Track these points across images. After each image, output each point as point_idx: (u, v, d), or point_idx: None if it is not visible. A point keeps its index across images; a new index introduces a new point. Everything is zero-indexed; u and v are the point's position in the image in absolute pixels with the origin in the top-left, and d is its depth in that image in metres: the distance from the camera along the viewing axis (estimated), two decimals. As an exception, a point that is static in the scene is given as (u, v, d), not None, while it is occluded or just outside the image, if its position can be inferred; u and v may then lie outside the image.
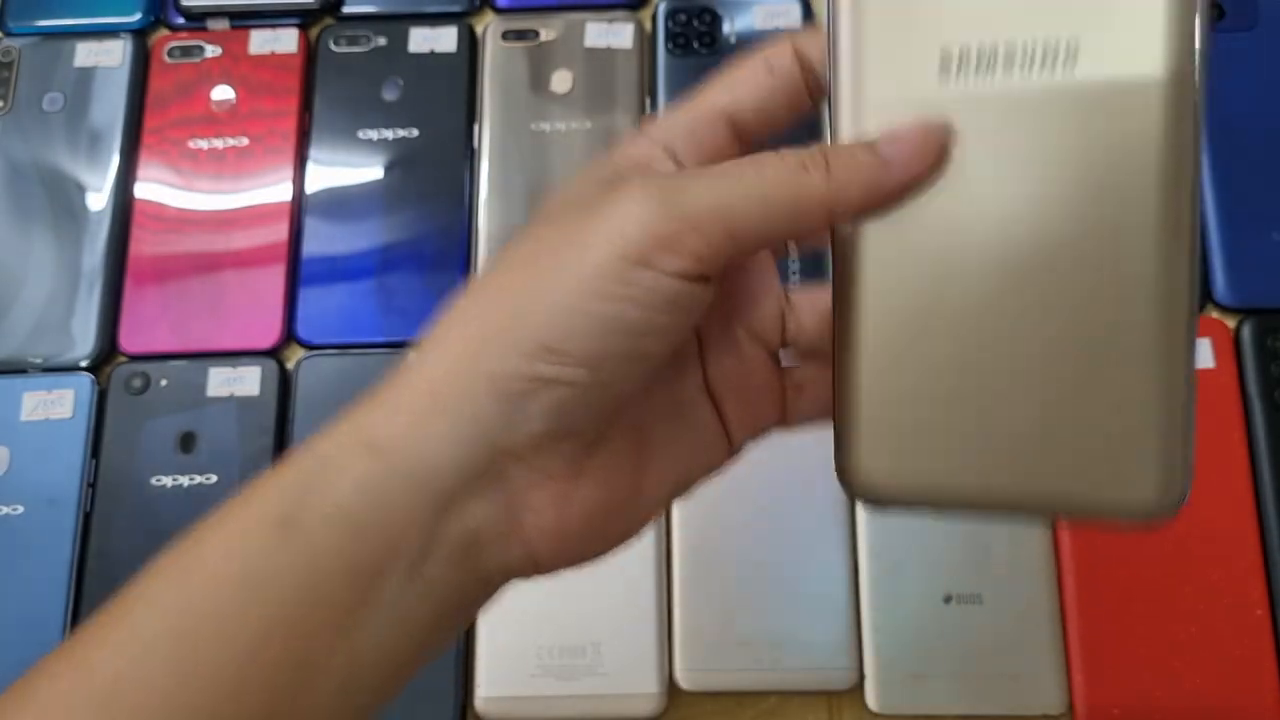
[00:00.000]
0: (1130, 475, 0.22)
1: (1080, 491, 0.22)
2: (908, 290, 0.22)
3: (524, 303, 0.22)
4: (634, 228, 0.21)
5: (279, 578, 0.22)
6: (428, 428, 0.23)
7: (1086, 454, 0.22)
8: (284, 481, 0.23)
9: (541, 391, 0.22)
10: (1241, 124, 0.55)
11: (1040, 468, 0.22)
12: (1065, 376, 0.22)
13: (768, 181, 0.22)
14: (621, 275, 0.21)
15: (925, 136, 0.22)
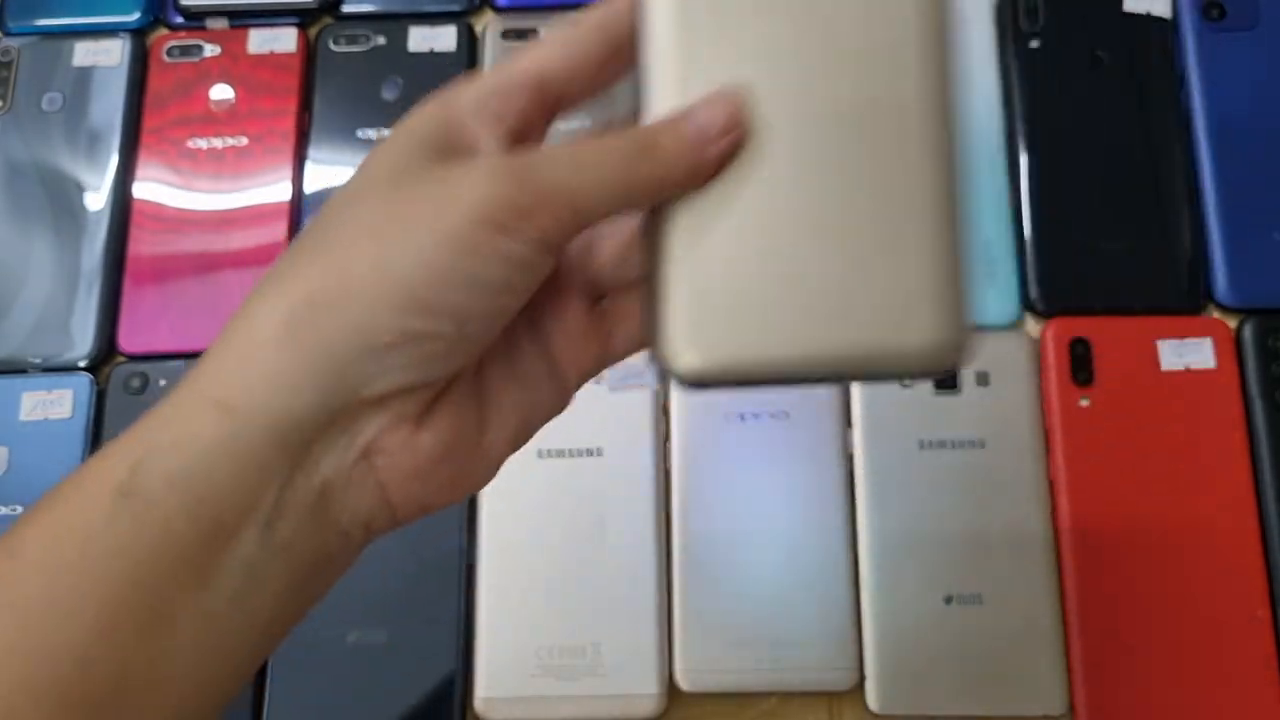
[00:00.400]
0: (911, 325, 0.24)
1: (871, 346, 0.24)
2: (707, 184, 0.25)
3: (391, 255, 0.22)
4: (494, 198, 0.22)
5: (123, 547, 0.22)
6: (285, 380, 0.22)
7: (872, 310, 0.24)
8: (123, 449, 0.23)
9: (410, 344, 0.23)
10: (1241, 124, 0.55)
11: (835, 329, 0.24)
12: (848, 242, 0.24)
13: (607, 167, 0.23)
14: (485, 238, 0.22)
15: (731, 112, 0.24)
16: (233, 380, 0.23)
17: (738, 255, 0.24)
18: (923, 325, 0.24)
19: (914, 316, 0.24)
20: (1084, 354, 0.51)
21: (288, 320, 0.23)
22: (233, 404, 0.23)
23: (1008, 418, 0.50)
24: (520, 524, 0.49)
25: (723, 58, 0.25)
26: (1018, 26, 0.57)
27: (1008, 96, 0.56)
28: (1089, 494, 0.49)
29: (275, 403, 0.23)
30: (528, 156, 0.24)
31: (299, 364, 0.23)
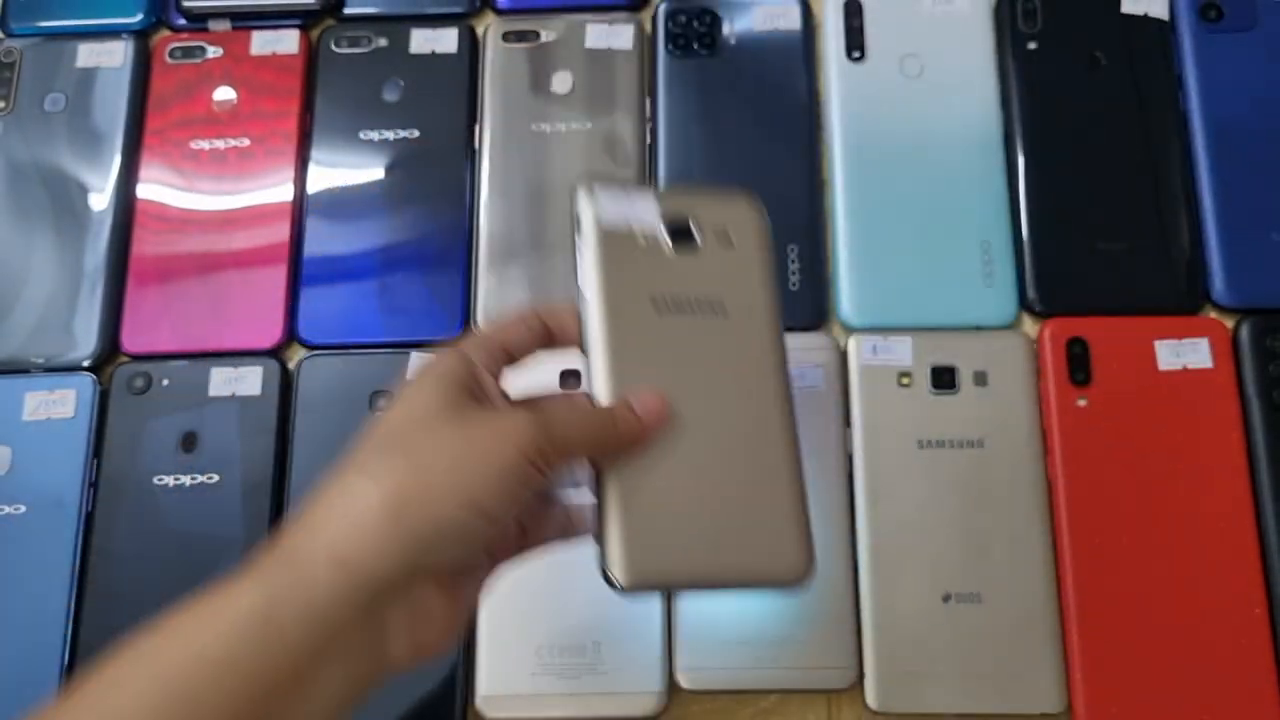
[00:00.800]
0: (778, 556, 0.35)
1: (751, 571, 0.35)
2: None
3: (463, 472, 0.32)
4: (532, 442, 0.33)
5: (255, 663, 0.29)
6: (381, 548, 0.31)
7: (750, 546, 0.35)
8: (263, 581, 0.31)
9: (461, 532, 0.32)
10: (1240, 123, 0.55)
11: (725, 559, 0.35)
12: (732, 496, 0.35)
13: (590, 429, 0.34)
14: (524, 469, 0.32)
15: (662, 404, 0.35)
16: (347, 543, 0.31)
17: (656, 504, 0.35)
18: (786, 555, 0.35)
19: (779, 550, 0.35)
20: (1082, 354, 0.51)
21: (385, 504, 0.31)
22: (347, 561, 0.31)
23: (1006, 417, 0.51)
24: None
25: (645, 365, 0.36)
26: (1016, 28, 0.57)
27: (1006, 98, 0.56)
28: (1087, 493, 0.49)
29: (374, 564, 0.31)
30: (547, 414, 0.34)
31: (393, 538, 0.31)
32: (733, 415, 0.36)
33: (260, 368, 0.53)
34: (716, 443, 0.36)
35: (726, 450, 0.36)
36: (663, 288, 0.37)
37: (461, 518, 0.31)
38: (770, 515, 0.36)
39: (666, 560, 0.35)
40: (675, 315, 0.37)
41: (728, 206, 0.40)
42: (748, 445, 0.36)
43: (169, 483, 0.51)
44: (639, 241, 0.38)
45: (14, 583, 0.50)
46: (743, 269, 0.39)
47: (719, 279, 0.38)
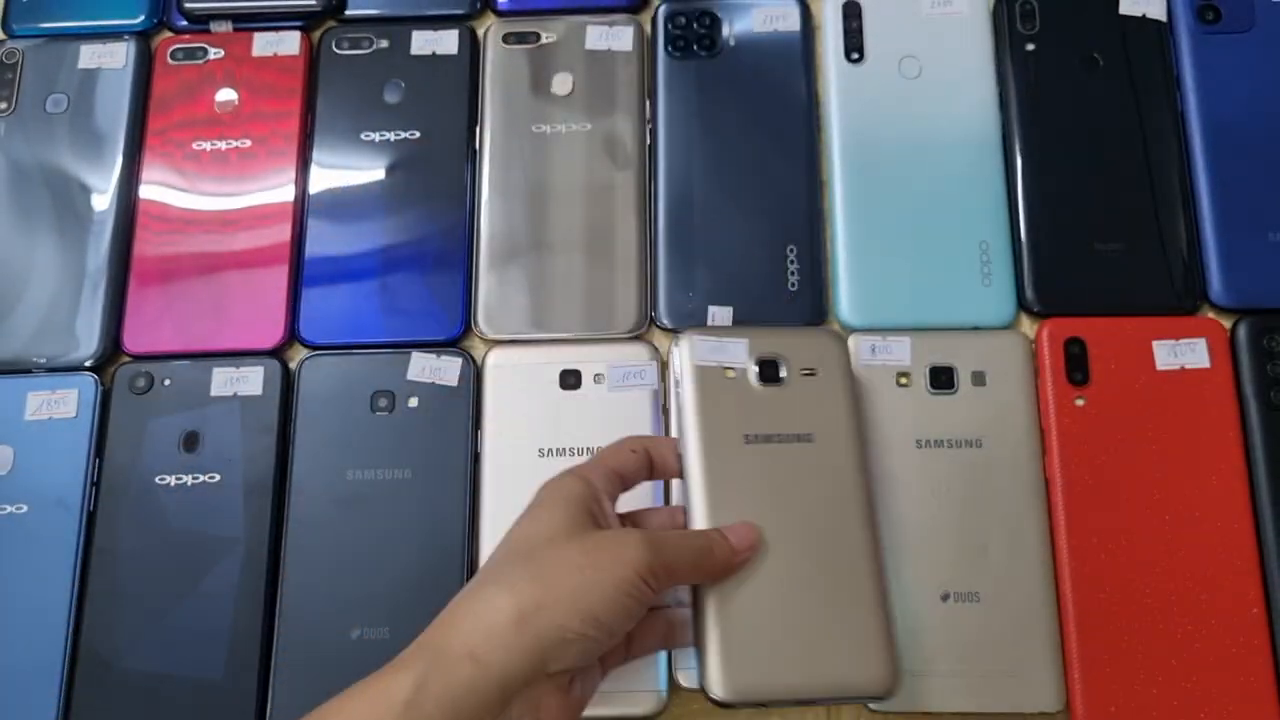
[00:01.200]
0: (866, 671, 0.40)
1: (842, 685, 0.40)
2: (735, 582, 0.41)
3: (585, 588, 0.36)
4: (646, 563, 0.37)
5: None
6: (512, 651, 0.35)
7: (840, 662, 0.40)
8: (409, 672, 0.35)
9: (581, 641, 0.36)
10: (1238, 125, 0.55)
11: (816, 674, 0.40)
12: (821, 617, 0.40)
13: (691, 555, 0.39)
14: (638, 587, 0.37)
15: (754, 535, 0.41)
16: (484, 643, 0.35)
17: (750, 622, 0.39)
18: (872, 669, 0.40)
19: (866, 664, 0.40)
20: (1079, 354, 0.51)
21: (516, 612, 0.36)
22: (482, 659, 0.35)
23: (1004, 417, 0.51)
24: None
25: (739, 494, 0.41)
26: (1014, 29, 0.57)
27: (1004, 99, 0.56)
28: (1085, 493, 0.49)
29: (504, 663, 0.35)
30: (658, 539, 0.38)
31: (522, 642, 0.35)
32: (820, 537, 0.41)
33: (261, 368, 0.53)
34: (805, 563, 0.41)
35: (815, 570, 0.41)
36: (753, 422, 0.43)
37: (581, 628, 0.36)
38: (856, 630, 0.40)
39: (760, 675, 0.39)
40: (765, 445, 0.42)
41: (812, 341, 0.45)
42: (835, 564, 0.41)
43: (170, 482, 0.51)
44: (731, 380, 0.44)
45: (15, 582, 0.50)
46: (827, 398, 0.44)
47: (805, 409, 0.43)
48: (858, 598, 0.40)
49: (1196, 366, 0.51)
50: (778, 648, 0.39)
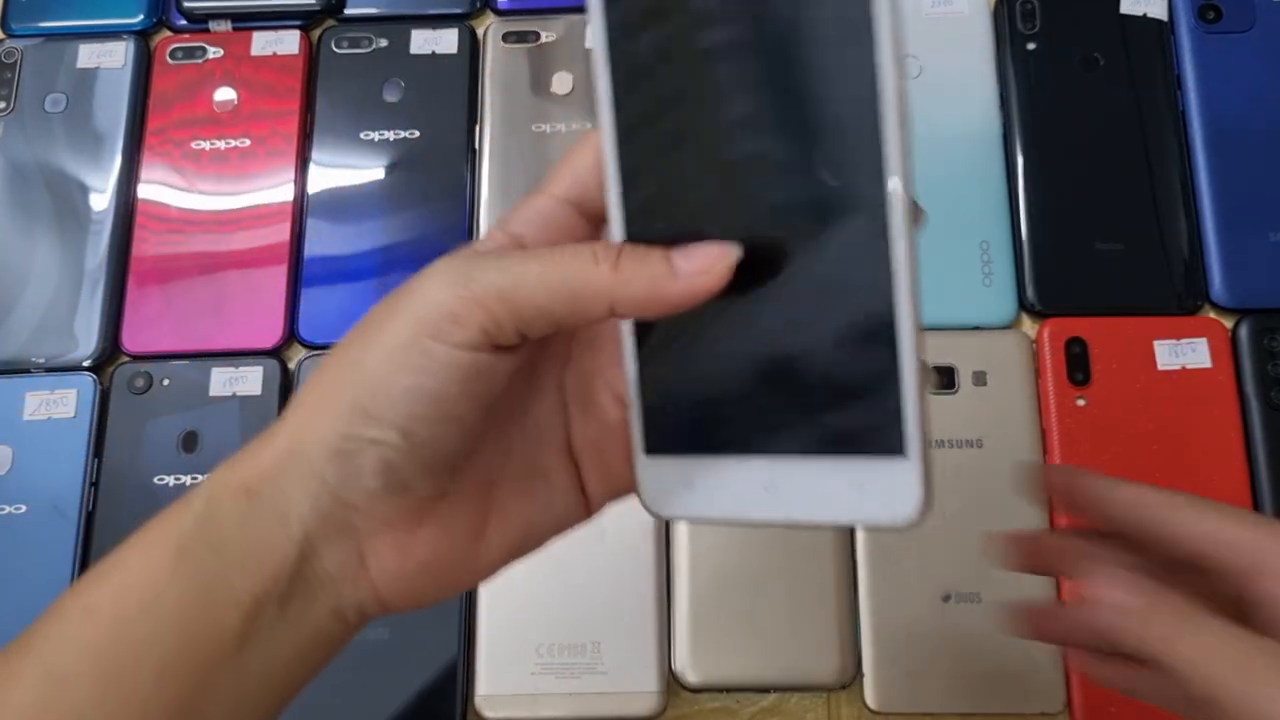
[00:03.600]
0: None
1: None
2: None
3: (346, 373, 0.25)
4: (428, 306, 0.24)
5: (177, 606, 0.25)
6: (287, 477, 0.26)
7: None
8: (178, 517, 0.26)
9: (367, 450, 0.25)
10: (1239, 124, 0.55)
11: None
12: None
13: (556, 267, 0.24)
14: (418, 348, 0.24)
15: (716, 257, 0.24)
16: (256, 470, 0.26)
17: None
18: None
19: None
20: (1080, 354, 0.51)
21: (291, 434, 0.26)
22: (255, 489, 0.26)
23: (1005, 417, 0.51)
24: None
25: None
26: (1015, 29, 0.57)
27: (1005, 98, 0.56)
28: (1086, 493, 0.49)
29: (281, 494, 0.26)
30: (479, 257, 0.25)
31: (296, 468, 0.26)
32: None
33: (261, 368, 0.53)
34: None
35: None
36: None
37: (348, 430, 0.25)
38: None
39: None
40: None
41: None
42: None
43: (170, 483, 0.51)
44: None
45: (14, 582, 0.50)
46: None
47: None
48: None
49: (1198, 366, 0.51)
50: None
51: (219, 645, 0.25)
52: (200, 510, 0.26)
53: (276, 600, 0.26)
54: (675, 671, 0.48)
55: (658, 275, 0.24)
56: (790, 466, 0.26)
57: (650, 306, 0.24)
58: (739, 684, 0.48)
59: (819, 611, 0.48)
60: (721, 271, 0.24)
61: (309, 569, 0.26)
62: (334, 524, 0.26)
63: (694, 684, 0.48)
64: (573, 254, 0.24)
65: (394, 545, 0.26)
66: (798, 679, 0.48)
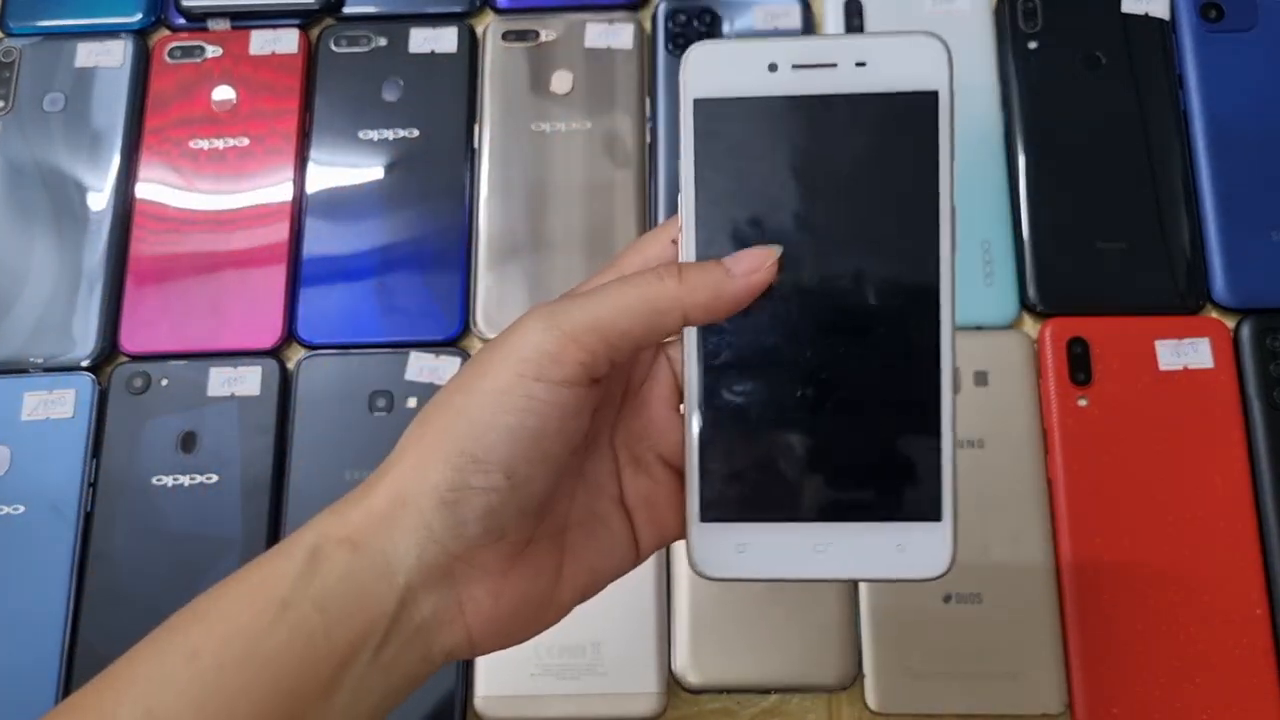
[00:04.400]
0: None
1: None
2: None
3: (449, 420, 0.27)
4: (528, 348, 0.26)
5: (278, 655, 0.26)
6: (393, 531, 0.27)
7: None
8: (281, 567, 0.27)
9: (473, 498, 0.26)
10: (1241, 123, 0.55)
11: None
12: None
13: (631, 292, 0.27)
14: (521, 389, 0.26)
15: (762, 254, 0.28)
16: (361, 523, 0.27)
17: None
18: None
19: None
20: (1082, 354, 0.51)
21: (397, 487, 0.27)
22: (358, 543, 0.27)
23: (1007, 417, 0.50)
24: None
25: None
26: (1017, 28, 0.57)
27: (1006, 97, 0.56)
28: (1087, 493, 0.49)
29: (385, 548, 0.27)
30: (563, 302, 0.27)
31: (401, 521, 0.27)
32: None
33: (259, 368, 0.53)
34: None
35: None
36: None
37: (455, 479, 0.26)
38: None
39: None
40: None
41: None
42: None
43: (168, 483, 0.51)
44: None
45: (13, 583, 0.50)
46: None
47: None
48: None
49: (1200, 366, 0.51)
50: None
51: (312, 694, 0.26)
52: (303, 562, 0.27)
53: (372, 649, 0.27)
54: (675, 672, 0.48)
55: (718, 279, 0.27)
56: (839, 531, 0.29)
57: (717, 306, 0.27)
58: (739, 685, 0.48)
59: (819, 612, 0.48)
60: (770, 268, 0.28)
61: (407, 618, 0.27)
62: (437, 573, 0.27)
63: (694, 685, 0.48)
64: (641, 279, 0.27)
65: (489, 591, 0.28)
66: (798, 680, 0.48)
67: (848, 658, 0.48)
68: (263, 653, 0.26)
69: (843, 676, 0.47)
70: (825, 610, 0.48)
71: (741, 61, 0.29)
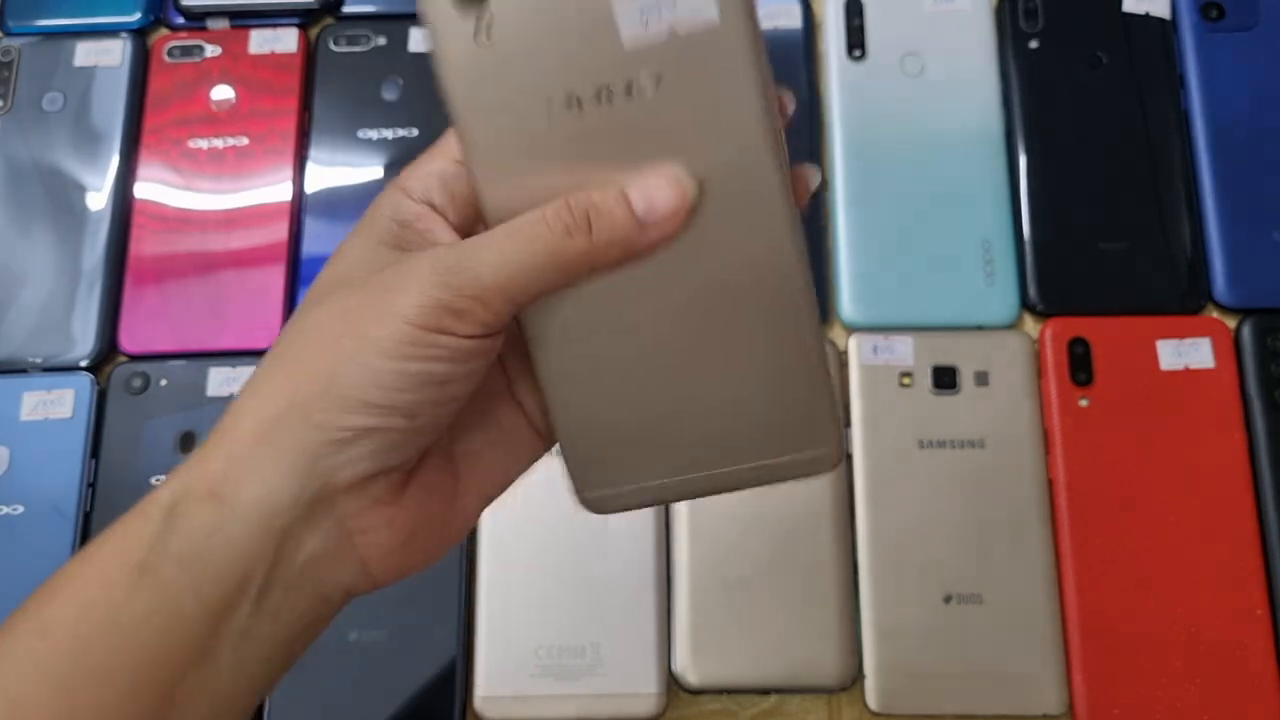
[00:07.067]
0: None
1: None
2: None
3: (340, 366, 0.25)
4: (426, 305, 0.25)
5: (141, 623, 0.25)
6: (263, 473, 0.25)
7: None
8: (137, 530, 0.25)
9: (365, 437, 0.25)
10: (1242, 123, 0.55)
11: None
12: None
13: (538, 250, 0.25)
14: (426, 340, 0.25)
15: (675, 198, 0.25)
16: (226, 473, 0.25)
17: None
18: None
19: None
20: (1083, 354, 0.51)
21: (263, 427, 0.25)
22: (222, 494, 0.25)
23: (1007, 417, 0.50)
24: (520, 523, 0.49)
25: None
26: (1017, 27, 0.57)
27: (1007, 97, 0.56)
28: (1088, 494, 0.49)
29: (257, 494, 0.25)
30: (457, 254, 0.25)
31: (274, 461, 0.25)
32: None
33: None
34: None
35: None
36: None
37: (351, 421, 0.25)
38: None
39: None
40: None
41: None
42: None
43: (167, 483, 0.51)
44: None
45: (12, 583, 0.50)
46: None
47: None
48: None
49: (1201, 366, 0.51)
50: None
51: (188, 656, 0.25)
52: (160, 521, 0.25)
53: (253, 599, 0.25)
54: (675, 673, 0.48)
55: (629, 233, 0.25)
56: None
57: (627, 259, 0.26)
58: (739, 685, 0.48)
59: (820, 612, 0.48)
60: (684, 214, 0.25)
61: (290, 560, 0.26)
62: (320, 510, 0.26)
63: (694, 685, 0.47)
64: (545, 232, 0.25)
65: (383, 519, 0.27)
66: (799, 680, 0.48)
67: (848, 658, 0.47)
68: (124, 621, 0.24)
69: (843, 676, 0.47)
70: (825, 610, 0.48)
71: None
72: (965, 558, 0.48)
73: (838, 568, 0.48)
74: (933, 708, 0.47)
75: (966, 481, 0.49)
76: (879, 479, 0.49)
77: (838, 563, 0.49)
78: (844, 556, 0.49)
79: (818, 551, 0.49)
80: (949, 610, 0.48)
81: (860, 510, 0.49)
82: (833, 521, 0.49)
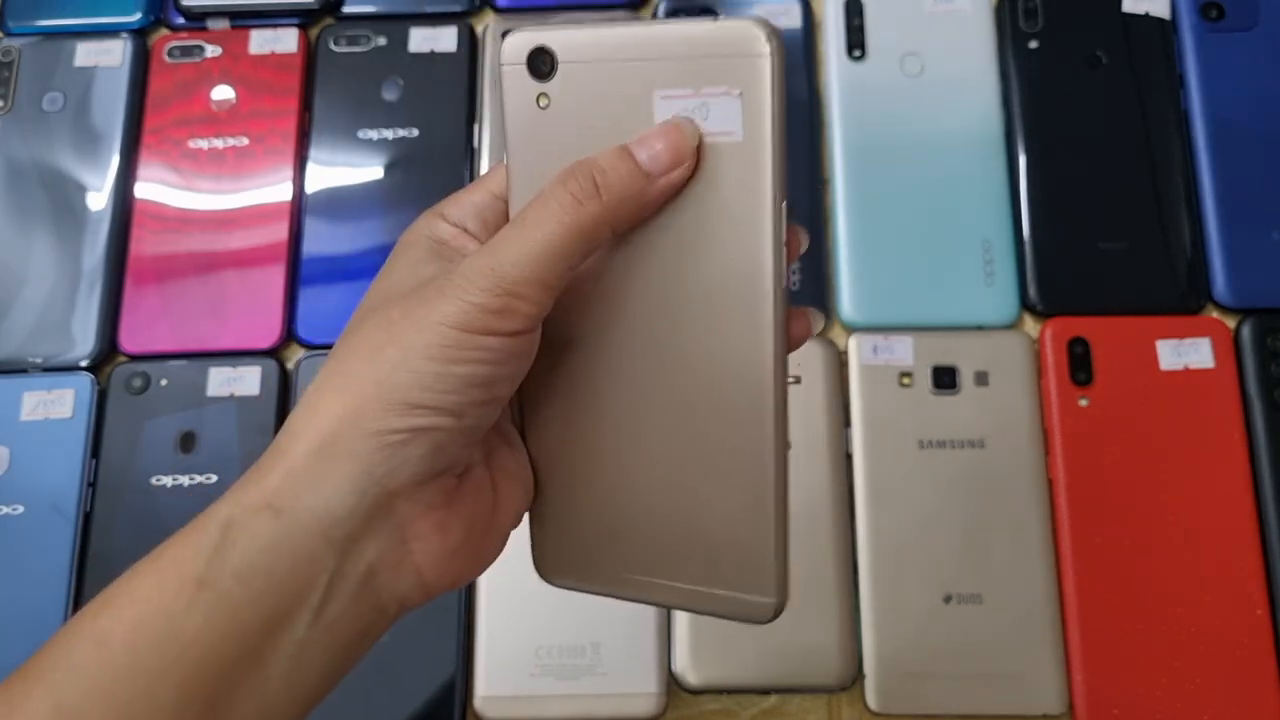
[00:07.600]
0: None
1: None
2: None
3: (388, 374, 0.26)
4: (467, 308, 0.26)
5: (198, 635, 0.25)
6: (322, 486, 0.26)
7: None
8: (195, 544, 0.26)
9: (417, 439, 0.26)
10: (1242, 123, 0.55)
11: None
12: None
13: (553, 230, 0.26)
14: (471, 343, 0.26)
15: (679, 140, 0.26)
16: (281, 483, 0.26)
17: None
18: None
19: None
20: (1083, 354, 0.51)
21: (318, 441, 0.26)
22: (280, 506, 0.26)
23: (1007, 417, 0.50)
24: (520, 523, 0.49)
25: None
26: (1017, 27, 0.57)
27: (1007, 97, 0.56)
28: (1088, 493, 0.49)
29: (316, 504, 0.26)
30: (484, 257, 0.26)
31: (331, 472, 0.26)
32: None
33: (259, 368, 0.53)
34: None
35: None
36: None
37: (402, 424, 0.26)
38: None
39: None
40: None
41: None
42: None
43: (167, 483, 0.51)
44: None
45: (12, 583, 0.50)
46: None
47: None
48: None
49: (1200, 366, 0.51)
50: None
51: (242, 667, 0.25)
52: (218, 535, 0.26)
53: (312, 610, 0.26)
54: (675, 673, 0.48)
55: (641, 189, 0.26)
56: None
57: (643, 215, 0.27)
58: (739, 685, 0.48)
59: (820, 613, 0.48)
60: (688, 159, 0.26)
61: (351, 570, 0.27)
62: (377, 518, 0.26)
63: (694, 685, 0.47)
64: (560, 206, 0.26)
65: (435, 525, 0.27)
66: (799, 680, 0.48)
67: (848, 658, 0.47)
68: (180, 634, 0.25)
69: (843, 676, 0.47)
70: (825, 610, 0.48)
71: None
72: (965, 557, 0.48)
73: (838, 568, 0.48)
74: (933, 707, 0.47)
75: (966, 481, 0.49)
76: (879, 479, 0.49)
77: (838, 563, 0.49)
78: (844, 556, 0.49)
79: (817, 551, 0.49)
80: (949, 610, 0.48)
81: (860, 510, 0.49)
82: (833, 521, 0.49)
